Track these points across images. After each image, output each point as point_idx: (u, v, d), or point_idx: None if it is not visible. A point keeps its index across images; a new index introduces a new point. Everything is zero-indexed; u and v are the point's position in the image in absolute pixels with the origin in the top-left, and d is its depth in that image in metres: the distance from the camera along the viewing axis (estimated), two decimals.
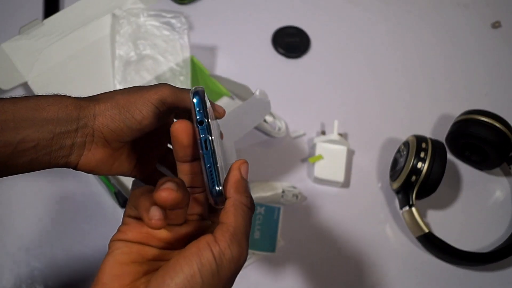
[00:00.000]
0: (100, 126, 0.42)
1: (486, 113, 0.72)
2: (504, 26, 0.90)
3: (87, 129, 0.41)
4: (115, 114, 0.42)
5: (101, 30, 0.75)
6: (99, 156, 0.43)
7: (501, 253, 0.69)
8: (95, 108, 0.42)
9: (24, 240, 0.68)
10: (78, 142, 0.41)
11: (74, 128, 0.41)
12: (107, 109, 0.42)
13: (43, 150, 0.40)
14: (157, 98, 0.43)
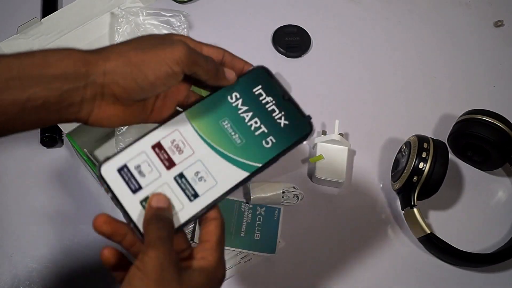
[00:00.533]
0: (110, 84, 0.40)
1: (488, 113, 0.72)
2: (507, 25, 0.90)
3: (96, 86, 0.40)
4: (126, 73, 0.40)
5: (100, 29, 0.74)
6: (110, 112, 0.42)
7: (503, 254, 0.68)
8: (105, 65, 0.40)
9: (22, 241, 0.67)
10: (87, 98, 0.40)
11: (83, 84, 0.39)
12: (118, 66, 0.40)
13: (51, 107, 0.39)
14: (172, 59, 0.41)
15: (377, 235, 0.71)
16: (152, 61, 0.40)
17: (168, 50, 0.41)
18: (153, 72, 0.40)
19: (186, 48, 0.41)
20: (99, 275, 0.66)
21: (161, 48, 0.41)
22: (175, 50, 0.41)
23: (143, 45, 0.41)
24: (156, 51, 0.41)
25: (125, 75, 0.40)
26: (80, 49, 0.40)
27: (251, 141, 0.44)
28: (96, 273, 0.66)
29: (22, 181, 0.71)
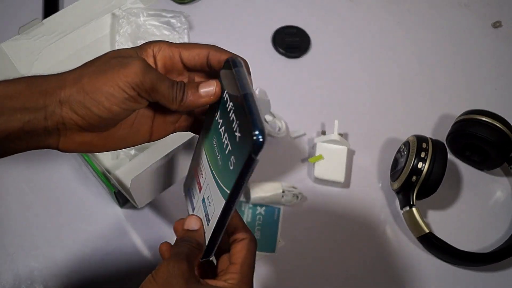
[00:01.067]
0: (68, 114, 0.38)
1: (486, 113, 0.72)
2: (505, 26, 0.90)
3: (56, 116, 0.38)
4: (80, 103, 0.38)
5: (101, 29, 0.75)
6: (79, 140, 0.40)
7: (502, 254, 0.68)
8: (60, 94, 0.38)
9: (23, 241, 0.68)
10: (50, 129, 0.39)
11: (43, 116, 0.38)
12: (72, 95, 0.38)
13: (16, 139, 0.38)
14: (126, 82, 0.38)
15: (376, 235, 0.72)
16: (105, 87, 0.38)
17: (121, 72, 0.38)
18: (106, 98, 0.38)
19: (141, 70, 0.38)
20: (100, 275, 0.66)
21: (116, 70, 0.38)
22: (128, 72, 0.38)
23: (100, 67, 0.39)
24: (110, 74, 0.38)
25: (79, 104, 0.38)
26: (42, 75, 0.39)
27: (225, 162, 0.39)
28: (97, 272, 0.66)
29: (23, 181, 0.72)
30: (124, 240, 0.68)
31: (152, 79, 0.38)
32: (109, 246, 0.68)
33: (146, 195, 0.65)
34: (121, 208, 0.70)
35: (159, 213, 0.70)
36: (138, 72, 0.38)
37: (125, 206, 0.70)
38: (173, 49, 0.42)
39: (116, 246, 0.68)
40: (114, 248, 0.68)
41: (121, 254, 0.68)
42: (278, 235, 0.69)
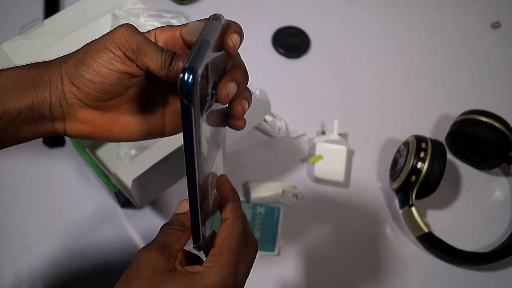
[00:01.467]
0: (67, 86, 0.39)
1: (485, 113, 0.72)
2: (504, 26, 0.90)
3: (58, 91, 0.39)
4: (75, 71, 0.38)
5: (101, 30, 0.75)
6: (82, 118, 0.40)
7: (500, 253, 0.69)
8: (60, 68, 0.39)
9: (25, 240, 0.68)
10: (54, 106, 0.39)
11: (48, 91, 0.39)
12: (69, 67, 0.39)
13: (26, 119, 0.39)
14: (112, 42, 0.38)
15: (375, 234, 0.72)
16: (94, 51, 0.38)
17: (109, 35, 0.38)
18: (95, 61, 0.38)
19: (127, 31, 0.38)
20: (101, 274, 0.66)
21: (105, 36, 0.39)
22: (115, 33, 0.38)
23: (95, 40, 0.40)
24: (100, 40, 0.39)
25: (74, 74, 0.39)
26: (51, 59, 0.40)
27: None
28: (98, 272, 0.67)
29: (24, 181, 0.72)
30: (125, 240, 0.69)
31: (138, 40, 0.38)
32: (110, 246, 0.68)
33: (147, 195, 0.65)
34: (122, 208, 0.71)
35: (159, 213, 0.71)
36: (124, 32, 0.38)
37: (125, 206, 0.70)
38: (175, 29, 0.41)
39: (117, 246, 0.68)
40: (114, 248, 0.68)
41: (122, 254, 0.68)
42: (278, 235, 0.70)
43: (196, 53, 0.33)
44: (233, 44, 0.38)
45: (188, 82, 0.32)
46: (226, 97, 0.37)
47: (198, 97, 0.33)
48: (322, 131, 0.78)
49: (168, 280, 0.38)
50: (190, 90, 0.32)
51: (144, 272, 0.38)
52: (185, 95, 0.32)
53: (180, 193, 0.72)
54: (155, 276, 0.38)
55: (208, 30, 0.36)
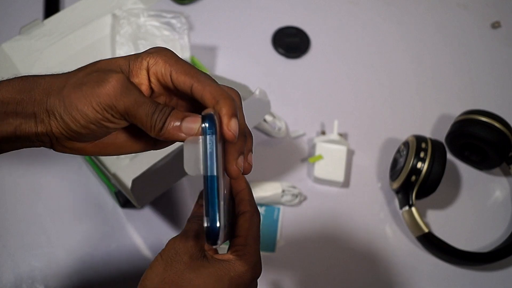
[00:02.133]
0: (55, 124, 0.37)
1: (485, 113, 0.72)
2: (504, 27, 0.90)
3: (45, 125, 0.38)
4: (60, 115, 0.37)
5: (101, 30, 0.75)
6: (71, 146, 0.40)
7: (500, 253, 0.69)
8: (47, 102, 0.37)
9: (25, 240, 0.68)
10: (41, 135, 0.38)
11: (34, 123, 0.37)
12: (55, 105, 0.37)
13: (10, 141, 0.38)
14: (99, 102, 0.36)
15: (375, 234, 0.72)
16: (79, 104, 0.36)
17: (95, 91, 0.36)
18: (81, 117, 0.36)
19: (115, 92, 0.36)
20: (101, 274, 0.66)
21: (91, 86, 0.36)
22: (101, 92, 0.36)
23: (81, 79, 0.37)
24: (85, 90, 0.36)
25: (60, 117, 0.37)
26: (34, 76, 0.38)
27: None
28: (98, 271, 0.67)
29: (24, 181, 0.72)
30: (125, 240, 0.69)
31: (126, 103, 0.36)
32: (110, 246, 0.68)
33: (147, 195, 0.65)
34: (122, 208, 0.71)
35: (159, 213, 0.71)
36: (111, 93, 0.36)
37: (125, 206, 0.70)
38: (167, 67, 0.38)
39: (117, 246, 0.68)
40: (114, 248, 0.68)
41: (122, 253, 0.68)
42: (278, 235, 0.70)
43: (210, 203, 0.35)
44: (233, 134, 0.36)
45: (212, 236, 0.35)
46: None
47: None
48: (322, 131, 0.78)
49: (204, 266, 0.41)
50: (215, 237, 0.35)
51: (183, 257, 0.41)
52: (209, 241, 0.36)
53: (180, 193, 0.72)
54: (192, 261, 0.41)
55: (207, 156, 0.35)
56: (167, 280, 0.40)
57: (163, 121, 0.36)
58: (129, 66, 0.39)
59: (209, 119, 0.35)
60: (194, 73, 0.37)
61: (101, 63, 0.39)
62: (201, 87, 0.37)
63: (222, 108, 0.36)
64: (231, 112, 0.36)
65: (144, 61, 0.39)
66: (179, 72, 0.38)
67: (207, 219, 0.35)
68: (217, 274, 0.40)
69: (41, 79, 0.38)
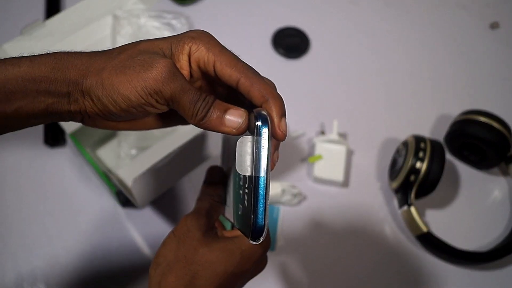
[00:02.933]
0: (90, 104, 0.37)
1: (484, 113, 0.73)
2: (502, 27, 0.91)
3: (78, 104, 0.37)
4: (99, 97, 0.36)
5: (102, 30, 0.75)
6: (104, 125, 0.40)
7: (499, 252, 0.69)
8: (83, 83, 0.36)
9: (26, 239, 0.68)
10: (74, 112, 0.38)
11: (67, 101, 0.37)
12: (92, 88, 0.36)
13: (39, 118, 0.38)
14: (144, 87, 0.35)
15: (374, 234, 0.72)
16: (122, 88, 0.35)
17: (140, 75, 0.35)
18: (123, 100, 0.36)
19: (162, 77, 0.35)
20: (102, 273, 0.67)
21: (136, 71, 0.35)
22: (148, 76, 0.35)
23: (123, 62, 0.36)
24: (129, 74, 0.35)
25: (98, 98, 0.36)
26: (69, 53, 0.37)
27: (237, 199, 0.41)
28: (99, 271, 0.67)
29: (25, 181, 0.72)
30: (126, 239, 0.69)
31: (173, 89, 0.36)
32: (111, 245, 0.68)
33: (147, 195, 0.65)
34: (123, 208, 0.71)
35: (160, 212, 0.71)
36: (158, 78, 0.35)
37: (126, 206, 0.71)
38: (210, 56, 0.38)
39: (118, 245, 0.68)
40: (115, 247, 0.68)
41: (122, 253, 0.68)
42: (278, 234, 0.70)
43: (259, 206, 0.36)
44: (284, 134, 0.37)
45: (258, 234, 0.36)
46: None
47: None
48: (321, 131, 0.79)
49: (216, 241, 0.43)
50: (261, 234, 0.36)
51: (195, 233, 0.43)
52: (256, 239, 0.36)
53: (181, 192, 0.73)
54: (205, 238, 0.42)
55: (260, 157, 0.36)
56: (181, 256, 0.42)
57: (206, 110, 0.36)
58: (171, 50, 0.38)
59: (264, 119, 0.35)
60: (240, 67, 0.38)
61: (142, 44, 0.38)
62: (248, 83, 0.37)
63: (272, 108, 0.37)
64: (281, 112, 0.37)
65: (186, 46, 0.38)
66: (225, 64, 0.37)
67: (253, 218, 0.35)
68: (229, 248, 0.42)
69: (76, 60, 0.37)
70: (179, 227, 0.44)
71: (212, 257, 0.42)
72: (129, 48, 0.38)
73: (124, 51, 0.38)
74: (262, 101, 0.37)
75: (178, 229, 0.44)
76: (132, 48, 0.38)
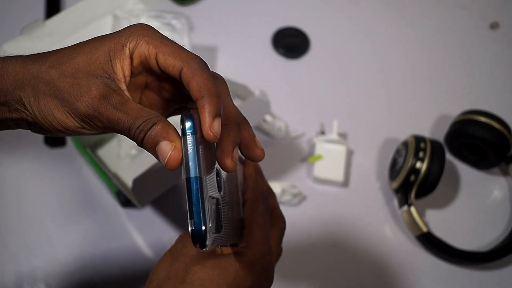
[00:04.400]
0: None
1: (484, 113, 0.73)
2: (502, 27, 0.91)
3: (19, 113, 0.36)
4: (36, 115, 0.35)
5: (102, 31, 0.75)
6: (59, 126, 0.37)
7: (499, 252, 0.69)
8: (20, 95, 0.35)
9: (26, 239, 0.68)
10: (17, 120, 0.37)
11: (7, 110, 0.36)
12: (30, 104, 0.35)
13: None
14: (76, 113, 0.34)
15: (374, 234, 0.72)
16: (57, 112, 0.35)
17: (72, 103, 0.34)
18: (59, 123, 0.35)
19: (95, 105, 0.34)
20: (102, 273, 0.67)
21: (67, 96, 0.34)
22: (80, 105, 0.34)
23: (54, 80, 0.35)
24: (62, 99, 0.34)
25: (36, 116, 0.35)
26: (9, 57, 0.36)
27: None
28: (99, 271, 0.67)
29: (25, 181, 0.72)
30: (126, 240, 0.69)
31: (107, 115, 0.34)
32: (111, 245, 0.68)
33: (147, 195, 0.65)
34: (123, 208, 0.71)
35: (160, 212, 0.71)
36: (89, 105, 0.34)
37: (126, 206, 0.71)
38: (150, 49, 0.36)
39: (118, 245, 0.68)
40: (115, 247, 0.68)
41: (123, 253, 0.68)
42: None
43: (196, 212, 0.34)
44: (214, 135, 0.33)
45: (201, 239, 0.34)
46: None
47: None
48: (321, 131, 0.79)
49: (211, 258, 0.40)
50: (204, 239, 0.34)
51: (190, 250, 0.40)
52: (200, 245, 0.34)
53: (181, 192, 0.73)
54: (199, 255, 0.40)
55: (188, 157, 0.34)
56: (172, 273, 0.39)
57: (143, 133, 0.34)
58: (110, 61, 0.36)
59: (189, 119, 0.34)
60: (185, 56, 0.35)
61: (78, 60, 0.36)
62: (190, 73, 0.34)
63: (205, 106, 0.33)
64: (215, 112, 0.33)
65: (126, 48, 0.36)
66: (167, 54, 0.35)
67: (191, 222, 0.33)
68: (223, 265, 0.39)
69: (11, 67, 0.35)
70: (175, 244, 0.41)
71: (204, 275, 0.39)
72: (64, 60, 0.36)
73: (58, 64, 0.36)
74: (198, 96, 0.34)
75: (174, 247, 0.41)
76: (67, 62, 0.36)
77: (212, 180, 0.36)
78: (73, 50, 0.37)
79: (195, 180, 0.34)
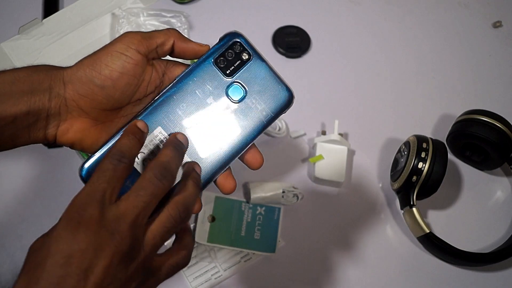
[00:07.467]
0: (71, 94, 0.40)
1: (487, 113, 0.72)
2: (505, 26, 0.90)
3: (59, 98, 0.40)
4: (81, 77, 0.40)
5: (101, 29, 0.75)
6: (77, 127, 0.41)
7: (502, 254, 0.69)
8: (63, 74, 0.40)
9: (24, 241, 0.68)
10: (52, 113, 0.40)
11: (47, 98, 0.39)
12: (73, 73, 0.40)
13: (21, 124, 0.39)
14: (121, 46, 0.40)
15: (376, 235, 0.72)
16: (103, 57, 0.40)
17: (115, 42, 0.41)
18: (106, 65, 0.40)
19: (134, 33, 0.41)
20: None
21: (109, 44, 0.41)
22: (122, 38, 0.41)
23: (100, 49, 0.42)
24: (105, 48, 0.41)
25: (81, 79, 0.40)
26: (50, 64, 0.41)
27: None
28: None
29: (24, 181, 0.72)
30: None
31: (145, 34, 0.41)
32: None
33: None
34: None
35: None
36: (132, 34, 0.41)
37: None
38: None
39: None
40: None
41: None
42: (278, 235, 0.70)
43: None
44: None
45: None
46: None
47: None
48: (322, 131, 0.78)
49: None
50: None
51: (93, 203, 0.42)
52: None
53: None
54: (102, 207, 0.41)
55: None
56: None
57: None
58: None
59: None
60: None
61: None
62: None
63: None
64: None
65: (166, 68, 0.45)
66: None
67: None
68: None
69: (52, 65, 0.42)
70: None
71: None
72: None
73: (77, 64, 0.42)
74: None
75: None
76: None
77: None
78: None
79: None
